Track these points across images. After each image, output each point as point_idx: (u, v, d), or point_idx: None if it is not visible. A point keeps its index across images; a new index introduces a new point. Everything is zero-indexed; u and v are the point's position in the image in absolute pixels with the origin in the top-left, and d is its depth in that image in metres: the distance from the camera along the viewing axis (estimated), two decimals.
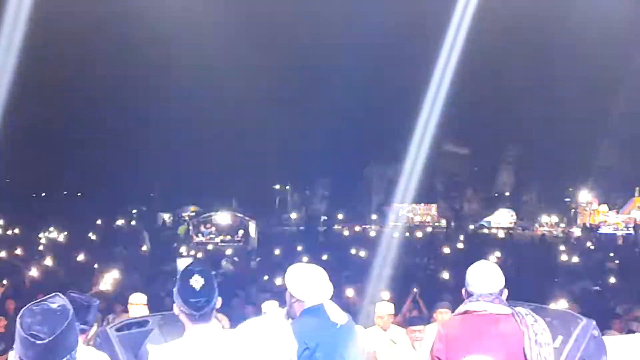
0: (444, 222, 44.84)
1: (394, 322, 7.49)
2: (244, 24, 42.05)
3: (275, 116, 48.44)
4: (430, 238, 29.28)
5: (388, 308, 7.16)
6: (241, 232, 31.41)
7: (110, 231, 32.60)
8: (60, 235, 28.98)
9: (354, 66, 46.43)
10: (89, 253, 20.26)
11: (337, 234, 33.59)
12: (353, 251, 21.17)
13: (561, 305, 9.62)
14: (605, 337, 4.28)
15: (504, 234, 35.19)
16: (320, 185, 57.29)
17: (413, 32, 42.18)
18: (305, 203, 55.10)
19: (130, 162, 50.39)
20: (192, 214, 42.94)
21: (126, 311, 7.72)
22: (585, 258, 19.57)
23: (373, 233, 32.86)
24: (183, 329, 3.08)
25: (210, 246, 27.50)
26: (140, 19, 41.16)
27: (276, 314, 3.83)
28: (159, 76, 45.62)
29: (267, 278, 15.01)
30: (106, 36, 42.02)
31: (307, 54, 49.47)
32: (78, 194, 55.14)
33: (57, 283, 12.19)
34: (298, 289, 3.78)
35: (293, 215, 51.56)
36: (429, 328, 6.71)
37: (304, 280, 3.79)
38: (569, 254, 19.95)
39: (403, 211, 45.88)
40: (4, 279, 12.87)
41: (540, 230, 41.99)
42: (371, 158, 51.84)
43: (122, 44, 42.83)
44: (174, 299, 3.06)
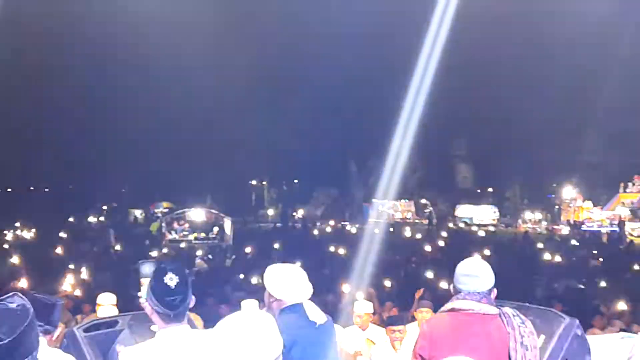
0: (426, 219, 45.03)
1: (373, 322, 7.51)
2: (220, 21, 42.11)
3: (251, 110, 48.37)
4: (411, 235, 29.35)
5: (366, 307, 7.17)
6: (216, 229, 31.17)
7: (79, 228, 32.30)
8: (27, 232, 28.64)
9: (333, 62, 46.67)
10: (58, 251, 20.11)
11: (316, 231, 33.56)
12: (332, 249, 21.19)
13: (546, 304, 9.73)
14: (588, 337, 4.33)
15: (487, 231, 35.41)
16: (298, 181, 57.39)
17: (394, 29, 42.56)
18: (282, 199, 55.03)
19: (100, 157, 50.04)
20: (165, 211, 42.67)
21: (95, 311, 7.66)
22: (569, 255, 19.77)
23: (353, 230, 32.90)
24: (155, 329, 3.06)
25: (183, 244, 27.32)
26: (112, 17, 41.19)
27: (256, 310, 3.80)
28: (131, 71, 45.46)
29: (243, 276, 14.99)
30: (77, 32, 41.87)
31: (284, 49, 49.61)
32: (45, 190, 54.56)
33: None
34: (277, 288, 3.80)
35: (270, 211, 51.50)
36: (409, 327, 6.75)
37: (283, 279, 3.82)
38: (553, 252, 20.13)
39: (383, 208, 46.02)
40: None
41: (523, 227, 42.28)
42: (351, 154, 51.91)
43: (93, 39, 42.74)
44: (147, 298, 3.04)
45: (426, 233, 31.41)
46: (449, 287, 3.94)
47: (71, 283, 12.76)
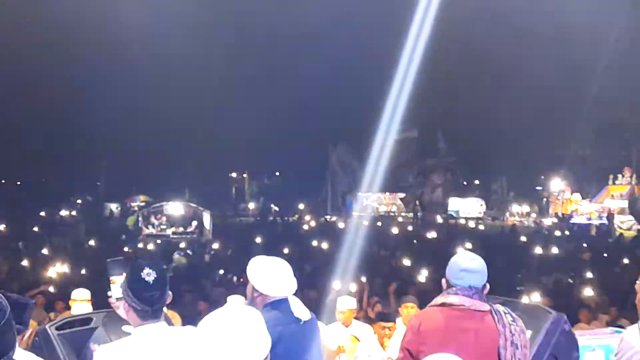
0: (411, 212, 45.14)
1: (357, 318, 7.50)
2: (198, 15, 42.11)
3: (232, 101, 48.27)
4: (397, 229, 29.40)
5: (350, 303, 7.14)
6: (194, 224, 31.14)
7: (52, 223, 32.08)
8: None
9: (315, 53, 46.76)
10: (30, 246, 19.97)
11: (298, 225, 33.57)
12: (315, 243, 21.19)
13: (535, 298, 9.81)
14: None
15: (474, 224, 35.56)
16: (279, 173, 57.34)
17: (376, 22, 42.74)
18: (263, 192, 54.93)
19: (74, 149, 49.70)
20: (142, 204, 42.50)
21: (69, 308, 7.60)
22: (557, 249, 19.89)
23: (337, 224, 32.93)
24: (128, 330, 3.04)
25: (161, 239, 27.24)
26: (88, 9, 41.05)
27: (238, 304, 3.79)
28: (108, 62, 45.32)
29: (223, 272, 14.97)
30: (52, 22, 41.71)
31: (266, 41, 49.63)
32: (17, 183, 54.09)
33: None
34: (261, 282, 3.75)
35: (251, 205, 51.39)
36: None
37: (268, 273, 3.77)
38: (541, 245, 20.26)
39: (368, 201, 46.13)
40: None
41: (510, 220, 42.51)
42: (334, 146, 51.96)
43: (69, 29, 42.55)
44: (122, 295, 3.03)
45: (412, 227, 31.50)
46: (442, 281, 3.93)
47: (45, 279, 12.68)
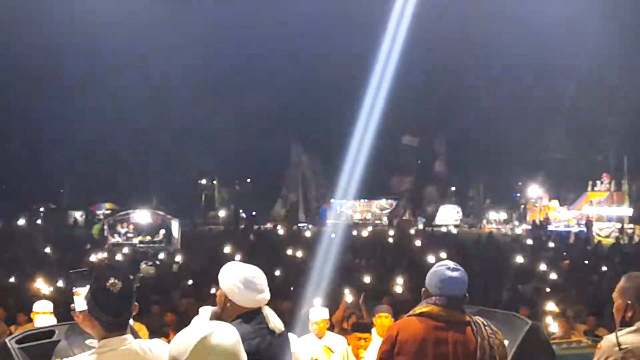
0: (385, 220, 45.30)
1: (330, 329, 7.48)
2: (166, 17, 42.11)
3: (201, 106, 48.15)
4: (372, 237, 29.50)
5: (323, 313, 7.12)
6: (162, 232, 30.93)
7: (7, 232, 31.77)
8: None
9: (288, 59, 46.96)
10: None
11: (271, 233, 33.52)
12: (289, 252, 21.14)
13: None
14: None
15: (450, 232, 35.77)
16: (250, 180, 57.22)
17: (349, 27, 43.00)
18: (234, 200, 54.75)
19: (36, 155, 49.18)
20: (108, 212, 42.16)
21: (30, 321, 7.52)
22: (535, 257, 20.06)
23: (310, 232, 32.92)
24: (92, 344, 3.00)
25: (127, 248, 27.01)
26: (52, 12, 40.83)
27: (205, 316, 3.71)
28: (72, 65, 45.06)
29: (192, 282, 14.87)
30: (14, 26, 41.47)
31: (237, 45, 49.68)
32: None
33: None
34: (234, 291, 3.61)
35: (221, 213, 51.19)
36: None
37: (242, 281, 3.62)
38: (518, 253, 20.42)
39: (341, 208, 46.23)
40: None
41: (487, 227, 42.80)
42: (307, 151, 51.95)
43: (32, 33, 42.38)
44: (86, 307, 2.99)
45: (387, 234, 31.55)
46: (422, 291, 3.93)
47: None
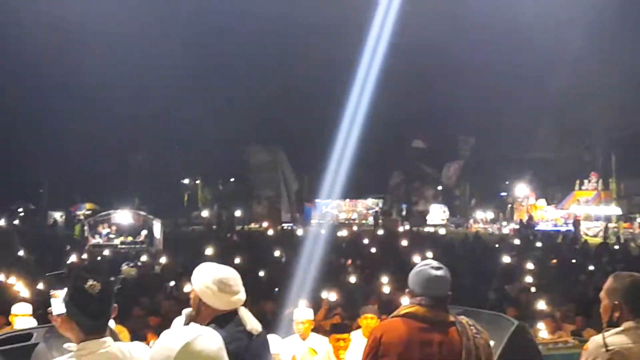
0: (371, 220, 45.35)
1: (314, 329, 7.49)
2: (146, 17, 42.00)
3: (183, 103, 47.98)
4: (356, 237, 29.52)
5: (307, 314, 7.12)
6: (144, 233, 30.84)
7: None
8: None
9: (272, 58, 46.94)
10: None
11: (254, 234, 33.52)
12: (270, 252, 21.15)
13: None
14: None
15: (436, 232, 35.83)
16: (234, 179, 57.07)
17: (334, 26, 43.05)
18: (217, 199, 54.61)
19: (15, 155, 48.77)
20: (88, 213, 41.97)
21: (9, 324, 7.51)
22: (522, 256, 20.16)
23: (295, 232, 32.94)
24: (70, 347, 3.01)
25: (108, 249, 26.93)
26: (29, 14, 40.66)
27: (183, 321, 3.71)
28: (50, 62, 44.77)
29: (174, 284, 14.84)
30: None
31: (218, 43, 49.61)
32: None
33: None
34: (208, 293, 3.58)
35: (204, 213, 51.06)
36: (353, 335, 6.79)
37: (216, 282, 3.59)
38: (505, 253, 20.52)
39: (327, 208, 46.27)
40: None
41: (474, 227, 42.94)
42: (290, 150, 51.90)
43: (7, 33, 42.17)
44: (65, 309, 3.00)
45: (372, 234, 31.60)
46: (406, 292, 3.96)
47: None
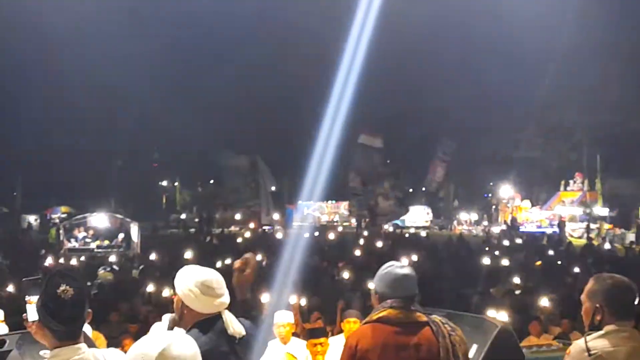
0: (354, 222, 45.37)
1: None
2: (125, 18, 41.95)
3: (161, 104, 47.84)
4: (339, 239, 29.55)
5: (288, 317, 7.12)
6: (121, 236, 30.70)
7: None
8: None
9: (250, 59, 46.92)
10: None
11: (234, 237, 33.42)
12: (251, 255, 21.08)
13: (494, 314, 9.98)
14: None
15: (420, 234, 35.92)
16: (213, 181, 56.93)
17: (312, 28, 43.15)
18: (196, 202, 54.47)
19: None
20: (63, 216, 41.77)
21: None
22: (507, 258, 20.27)
23: (275, 235, 32.90)
24: (45, 355, 2.99)
25: (84, 253, 26.78)
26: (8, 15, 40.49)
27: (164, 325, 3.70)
28: (23, 63, 44.62)
29: (153, 289, 14.78)
30: None
31: (198, 44, 49.64)
32: None
33: None
34: (190, 296, 3.57)
35: (183, 215, 50.92)
36: (335, 340, 6.79)
37: (199, 285, 3.58)
38: (490, 255, 20.62)
39: (309, 210, 46.25)
40: None
41: (458, 229, 43.12)
42: (270, 152, 51.83)
43: None
44: (37, 314, 2.98)
45: (355, 237, 31.65)
46: (374, 296, 3.97)
47: None
